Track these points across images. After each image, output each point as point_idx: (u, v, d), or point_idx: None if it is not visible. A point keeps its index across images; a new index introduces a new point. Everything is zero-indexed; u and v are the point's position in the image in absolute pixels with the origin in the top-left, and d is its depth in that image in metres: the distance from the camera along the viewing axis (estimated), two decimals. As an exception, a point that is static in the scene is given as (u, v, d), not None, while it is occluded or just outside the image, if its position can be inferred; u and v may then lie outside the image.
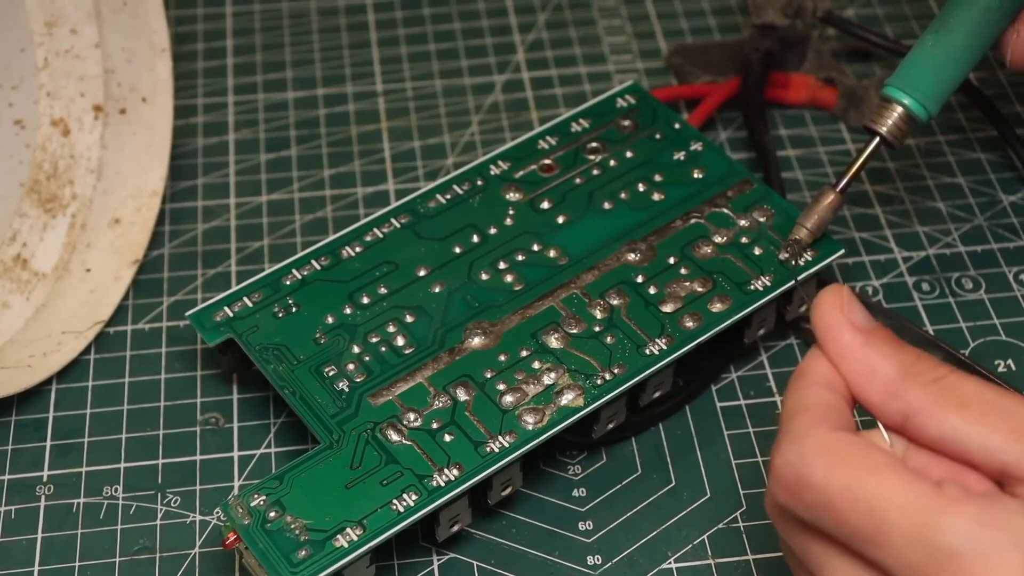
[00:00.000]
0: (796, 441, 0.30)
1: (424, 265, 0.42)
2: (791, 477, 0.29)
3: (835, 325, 0.31)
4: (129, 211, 0.47)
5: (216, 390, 0.43)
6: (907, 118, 0.41)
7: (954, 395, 0.29)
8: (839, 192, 0.41)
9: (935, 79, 0.40)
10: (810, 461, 0.29)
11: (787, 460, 0.30)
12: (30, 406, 0.43)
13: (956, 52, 0.40)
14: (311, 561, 0.35)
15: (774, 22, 0.51)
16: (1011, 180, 0.49)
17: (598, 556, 0.39)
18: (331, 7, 0.57)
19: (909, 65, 0.41)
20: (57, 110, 0.47)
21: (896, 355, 0.31)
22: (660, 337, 0.40)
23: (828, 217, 0.41)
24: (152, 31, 0.48)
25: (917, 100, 0.40)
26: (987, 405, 0.29)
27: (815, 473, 0.29)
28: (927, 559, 0.28)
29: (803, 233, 0.41)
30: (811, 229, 0.41)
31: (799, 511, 0.30)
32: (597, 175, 0.45)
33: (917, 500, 0.28)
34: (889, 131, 0.41)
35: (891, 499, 0.28)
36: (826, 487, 0.29)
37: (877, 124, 0.41)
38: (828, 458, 0.29)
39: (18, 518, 0.40)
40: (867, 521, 0.28)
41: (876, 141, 0.41)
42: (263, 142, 0.51)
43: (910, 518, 0.28)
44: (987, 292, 0.45)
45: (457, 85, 0.53)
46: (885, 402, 0.30)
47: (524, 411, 0.38)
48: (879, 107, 0.41)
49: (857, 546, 0.29)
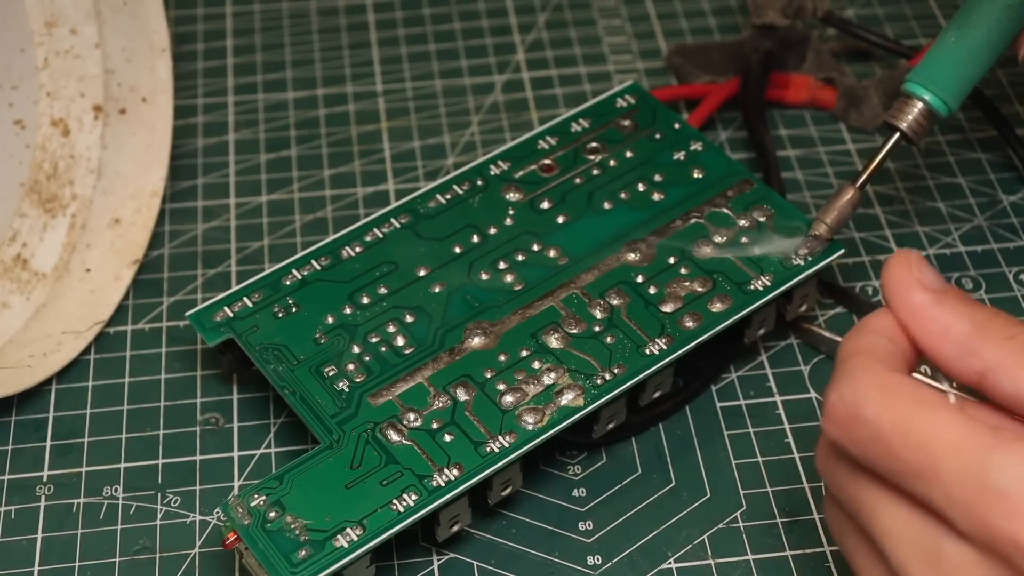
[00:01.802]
0: (851, 378, 0.30)
1: (424, 265, 0.42)
2: (844, 413, 0.30)
3: (905, 285, 0.31)
4: (129, 211, 0.47)
5: (216, 390, 0.43)
6: (928, 114, 0.40)
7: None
8: (858, 188, 0.41)
9: (956, 75, 0.40)
10: (864, 396, 0.29)
11: (841, 396, 0.30)
12: (30, 406, 0.43)
13: (977, 49, 0.40)
14: (311, 561, 0.35)
15: (774, 22, 0.51)
16: (1011, 180, 0.49)
17: (598, 556, 0.39)
18: (331, 7, 0.57)
19: (930, 61, 0.40)
20: (57, 110, 0.47)
21: (970, 313, 0.30)
22: (660, 337, 0.40)
23: (848, 213, 0.41)
24: (152, 31, 0.48)
25: (938, 96, 0.40)
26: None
27: (868, 408, 0.29)
28: (976, 497, 0.28)
29: (822, 229, 0.41)
30: (830, 225, 0.41)
31: (851, 449, 0.30)
32: (597, 175, 0.45)
33: (970, 438, 0.28)
34: (910, 127, 0.41)
35: (943, 435, 0.28)
36: (878, 422, 0.29)
37: (898, 120, 0.41)
38: (882, 394, 0.29)
39: (18, 518, 0.40)
40: (918, 456, 0.28)
41: (896, 137, 0.41)
42: (263, 142, 0.51)
43: (961, 455, 0.28)
44: (987, 292, 0.45)
45: (457, 85, 0.53)
46: (959, 359, 0.30)
47: (524, 411, 0.38)
48: (899, 103, 0.41)
49: (907, 484, 0.29)
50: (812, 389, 0.43)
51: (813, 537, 0.39)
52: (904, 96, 0.41)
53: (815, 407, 0.42)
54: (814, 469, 0.40)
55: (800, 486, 0.40)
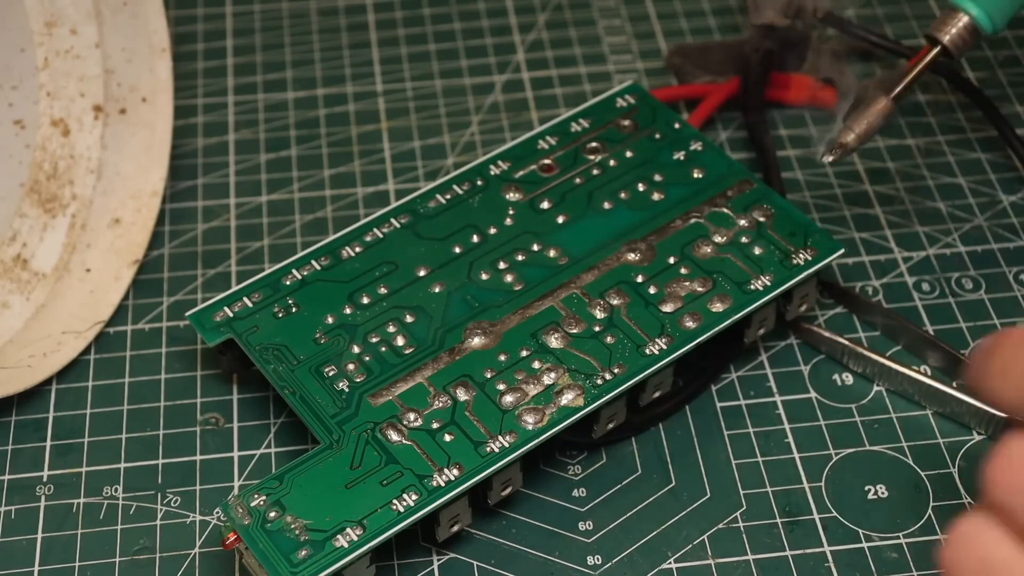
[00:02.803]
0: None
1: (424, 265, 0.42)
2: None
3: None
4: (129, 211, 0.47)
5: (216, 390, 0.43)
6: (972, 29, 0.39)
7: None
8: (892, 99, 0.39)
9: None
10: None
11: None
12: (30, 406, 0.43)
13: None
14: (311, 561, 0.35)
15: (774, 22, 0.51)
16: (1011, 180, 0.49)
17: (598, 556, 0.39)
18: (331, 7, 0.57)
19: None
20: (57, 110, 0.47)
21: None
22: (660, 337, 0.40)
23: (877, 124, 0.39)
24: (152, 31, 0.48)
25: (985, 10, 0.38)
26: None
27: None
28: None
29: (850, 137, 0.40)
30: (859, 134, 0.40)
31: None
32: (597, 175, 0.45)
33: None
34: (952, 40, 0.39)
35: None
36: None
37: (940, 32, 0.39)
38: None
39: (18, 518, 0.40)
40: None
41: (937, 50, 0.39)
42: (263, 142, 0.51)
43: None
44: (987, 292, 0.45)
45: (457, 85, 0.53)
46: None
47: (524, 411, 0.38)
48: (944, 14, 0.39)
49: None
50: (812, 389, 0.43)
51: (813, 537, 0.39)
52: (949, 8, 0.39)
53: (815, 407, 0.42)
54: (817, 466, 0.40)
55: (800, 486, 0.40)
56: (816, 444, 0.41)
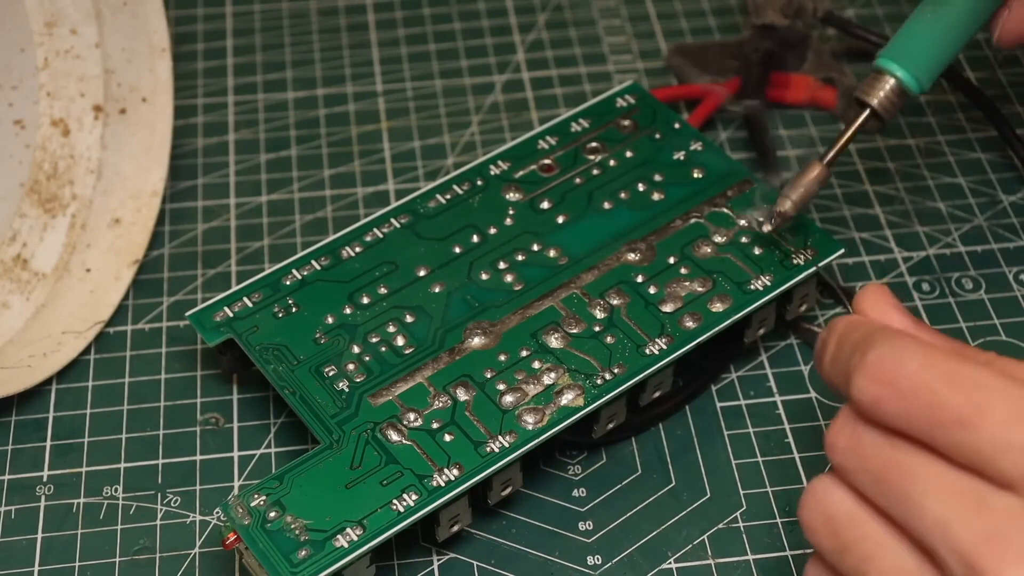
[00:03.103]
0: (889, 339, 0.29)
1: (424, 265, 0.42)
2: (887, 368, 0.29)
3: (884, 315, 0.32)
4: (129, 211, 0.47)
5: (216, 390, 0.43)
6: (899, 91, 0.39)
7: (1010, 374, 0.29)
8: (826, 165, 0.40)
9: (931, 52, 0.39)
10: (908, 352, 0.29)
11: (880, 354, 0.29)
12: (30, 406, 0.43)
13: (953, 27, 0.39)
14: (311, 561, 0.35)
15: (774, 22, 0.51)
16: (1011, 180, 0.49)
17: (598, 556, 0.39)
18: (331, 7, 0.57)
19: (904, 37, 0.40)
20: (57, 110, 0.47)
21: (945, 342, 0.30)
22: (660, 337, 0.40)
23: (813, 190, 0.40)
24: (152, 31, 0.48)
25: (911, 73, 0.39)
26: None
27: (913, 361, 0.29)
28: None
29: (787, 205, 0.40)
30: (796, 201, 0.40)
31: (890, 406, 0.29)
32: (597, 175, 0.45)
33: (1019, 386, 0.28)
34: (880, 103, 0.40)
35: (992, 382, 0.28)
36: (924, 372, 0.28)
37: (868, 96, 0.40)
38: (926, 349, 0.29)
39: (18, 518, 0.40)
40: (965, 400, 0.28)
41: (866, 113, 0.40)
42: (263, 142, 0.51)
43: (1012, 398, 0.28)
44: (987, 292, 0.45)
45: (457, 85, 0.53)
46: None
47: (524, 411, 0.38)
48: (871, 78, 0.40)
49: (950, 435, 0.28)
50: (812, 389, 0.43)
51: (813, 537, 0.39)
52: (876, 71, 0.40)
53: (815, 407, 0.42)
54: (816, 466, 0.40)
55: (800, 486, 0.40)
56: (816, 444, 0.41)
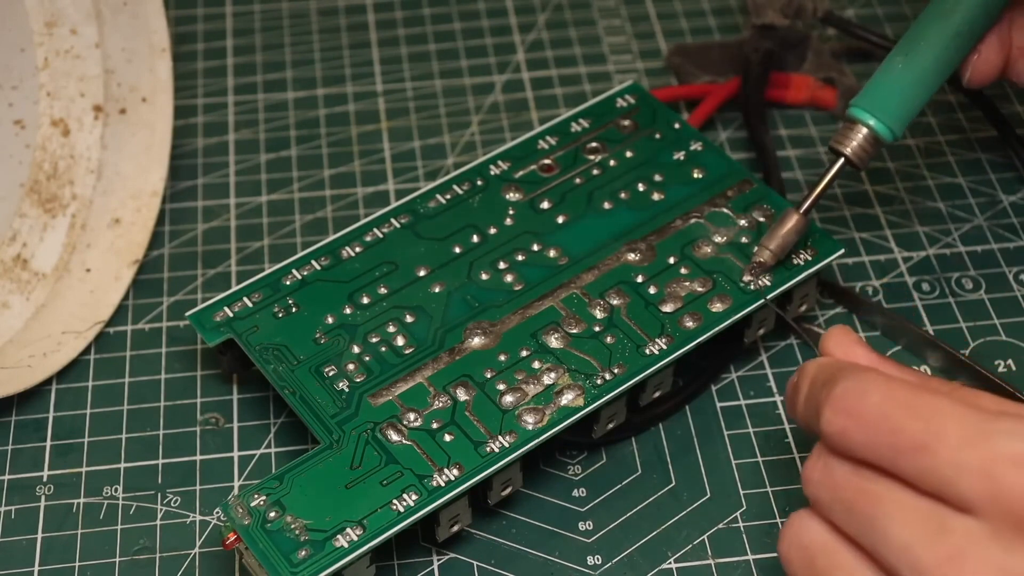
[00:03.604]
0: (853, 374, 0.31)
1: (424, 265, 0.42)
2: (851, 400, 0.31)
3: (849, 352, 0.34)
4: (129, 211, 0.47)
5: (216, 390, 0.43)
6: (872, 139, 0.40)
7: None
8: (803, 214, 0.41)
9: (902, 101, 0.40)
10: (870, 384, 0.31)
11: (845, 387, 0.31)
12: (30, 406, 0.43)
13: (924, 75, 0.40)
14: (311, 561, 0.35)
15: (774, 22, 0.51)
16: (1011, 180, 0.49)
17: (598, 556, 0.39)
18: (331, 7, 0.57)
19: (876, 86, 0.40)
20: (57, 110, 0.47)
21: (909, 374, 0.33)
22: (660, 337, 0.40)
23: (792, 240, 0.41)
24: (152, 31, 0.48)
25: (883, 122, 0.40)
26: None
27: (875, 393, 0.31)
28: (983, 457, 0.29)
29: (766, 255, 0.41)
30: (774, 251, 0.41)
31: (855, 436, 0.31)
32: (597, 175, 0.45)
33: (974, 411, 0.29)
34: (854, 152, 0.40)
35: (948, 408, 0.30)
36: (884, 403, 0.30)
37: (842, 145, 0.40)
38: (888, 381, 0.31)
39: (18, 518, 0.40)
40: (923, 427, 0.30)
41: (841, 162, 0.41)
42: (263, 142, 0.51)
43: (966, 422, 0.29)
44: (987, 292, 0.45)
45: (457, 85, 0.53)
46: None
47: (524, 411, 0.38)
48: (844, 127, 0.40)
49: (910, 461, 0.30)
50: (812, 389, 0.43)
51: (813, 537, 0.39)
52: (849, 121, 0.40)
53: (815, 407, 0.42)
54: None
55: (800, 486, 0.40)
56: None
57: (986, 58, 0.41)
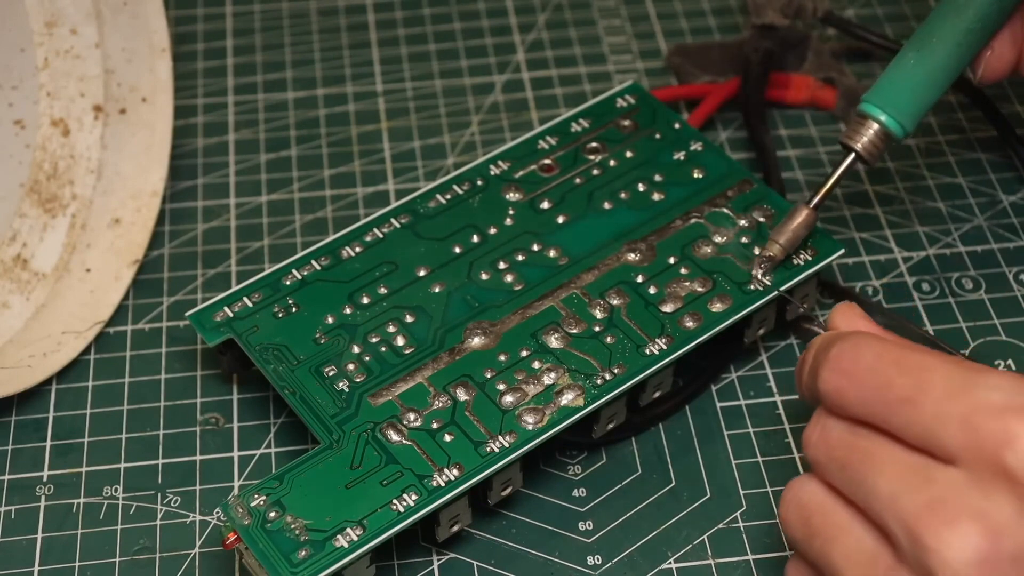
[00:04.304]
0: (850, 336, 0.32)
1: (424, 265, 0.42)
2: (846, 359, 0.32)
3: (853, 325, 0.35)
4: (129, 211, 0.47)
5: (216, 390, 0.43)
6: (883, 135, 0.40)
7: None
8: (812, 209, 0.41)
9: (914, 97, 0.40)
10: (864, 344, 0.32)
11: (842, 347, 0.32)
12: (30, 406, 0.43)
13: (936, 71, 0.40)
14: (311, 561, 0.35)
15: (774, 22, 0.51)
16: (1011, 180, 0.49)
17: (598, 556, 0.39)
18: (331, 7, 0.57)
19: (888, 82, 0.40)
20: (57, 110, 0.47)
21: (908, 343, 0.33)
22: (660, 337, 0.40)
23: (802, 234, 0.41)
24: (152, 31, 0.48)
25: (894, 118, 0.40)
26: None
27: (869, 351, 0.32)
28: (965, 407, 0.29)
29: (776, 249, 0.41)
30: (784, 245, 0.41)
31: (849, 393, 0.32)
32: (597, 175, 0.45)
33: (961, 367, 0.30)
34: (864, 148, 0.40)
35: (936, 364, 0.31)
36: (877, 360, 0.31)
37: (853, 140, 0.40)
38: (882, 342, 0.32)
39: (18, 518, 0.40)
40: (910, 380, 0.30)
41: (851, 158, 0.41)
42: (263, 142, 0.51)
43: (952, 376, 0.30)
44: (987, 292, 0.45)
45: (457, 85, 0.53)
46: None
47: (524, 411, 0.38)
48: (855, 123, 0.40)
49: (898, 413, 0.30)
50: (812, 389, 0.43)
51: (813, 537, 0.39)
52: (860, 116, 0.40)
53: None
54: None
55: (800, 486, 0.40)
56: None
57: (999, 55, 0.41)
